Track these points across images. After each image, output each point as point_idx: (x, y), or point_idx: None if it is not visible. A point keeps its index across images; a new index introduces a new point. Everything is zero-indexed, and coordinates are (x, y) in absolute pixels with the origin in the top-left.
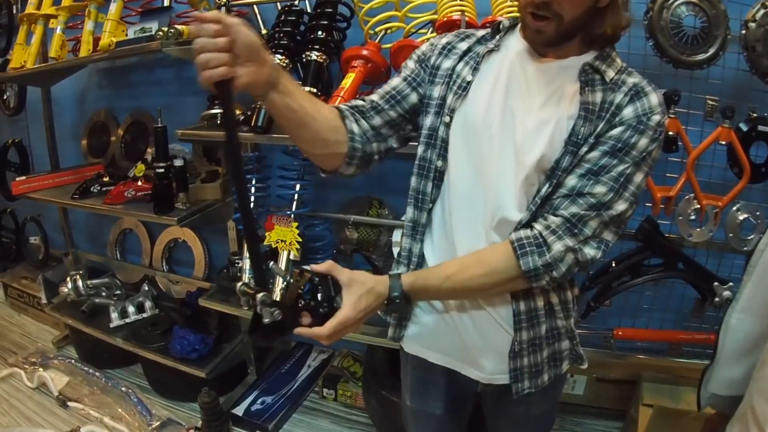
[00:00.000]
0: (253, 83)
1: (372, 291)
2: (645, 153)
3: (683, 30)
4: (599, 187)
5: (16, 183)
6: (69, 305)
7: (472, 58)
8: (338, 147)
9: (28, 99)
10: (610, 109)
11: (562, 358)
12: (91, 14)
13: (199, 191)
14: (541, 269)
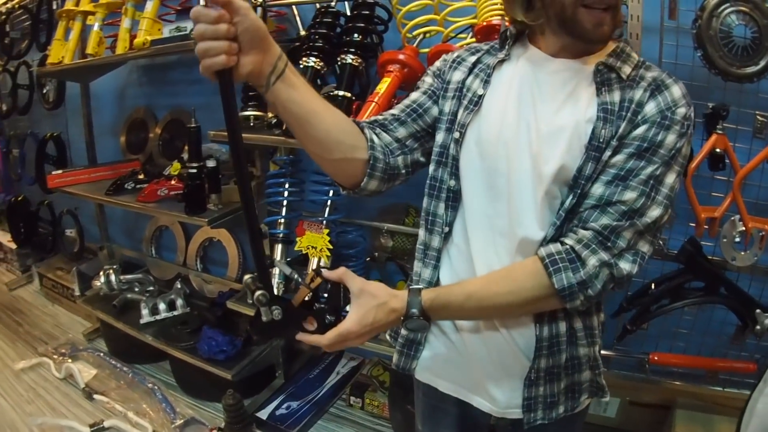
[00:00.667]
0: (255, 73)
1: (384, 306)
2: (674, 150)
3: (733, 40)
4: (629, 193)
5: (51, 177)
6: (101, 299)
7: (482, 71)
8: (355, 152)
9: (68, 93)
10: (630, 108)
11: (581, 390)
12: (128, 12)
13: (233, 192)
14: (576, 287)
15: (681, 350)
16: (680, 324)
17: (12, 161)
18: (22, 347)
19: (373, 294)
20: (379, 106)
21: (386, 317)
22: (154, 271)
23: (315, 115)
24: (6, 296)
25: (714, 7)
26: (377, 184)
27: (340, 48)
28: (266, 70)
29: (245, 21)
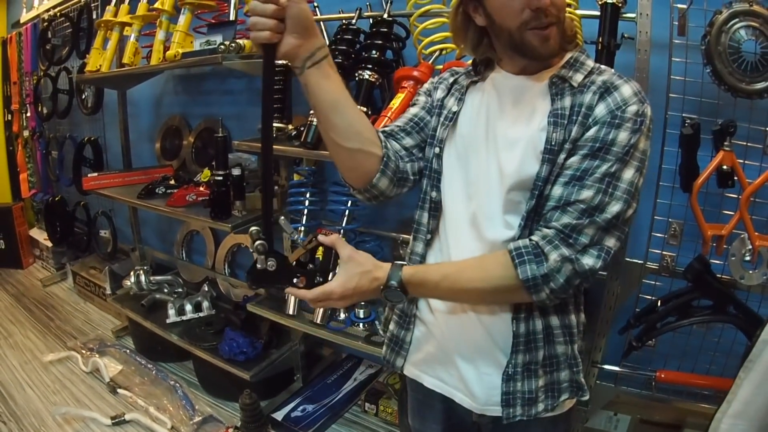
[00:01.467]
0: (293, 54)
1: (367, 273)
2: (628, 147)
3: (742, 56)
4: (585, 191)
5: (87, 179)
6: (131, 298)
7: (457, 90)
8: (372, 146)
9: (106, 100)
10: (581, 111)
11: (560, 390)
12: (162, 24)
13: (257, 200)
14: (540, 279)
15: (690, 369)
16: (690, 342)
17: (51, 162)
18: (52, 341)
19: (359, 262)
20: (392, 121)
21: (368, 284)
22: (183, 274)
23: (341, 104)
24: (40, 292)
25: (723, 23)
26: (387, 183)
27: (359, 64)
28: (303, 54)
29: (294, 6)
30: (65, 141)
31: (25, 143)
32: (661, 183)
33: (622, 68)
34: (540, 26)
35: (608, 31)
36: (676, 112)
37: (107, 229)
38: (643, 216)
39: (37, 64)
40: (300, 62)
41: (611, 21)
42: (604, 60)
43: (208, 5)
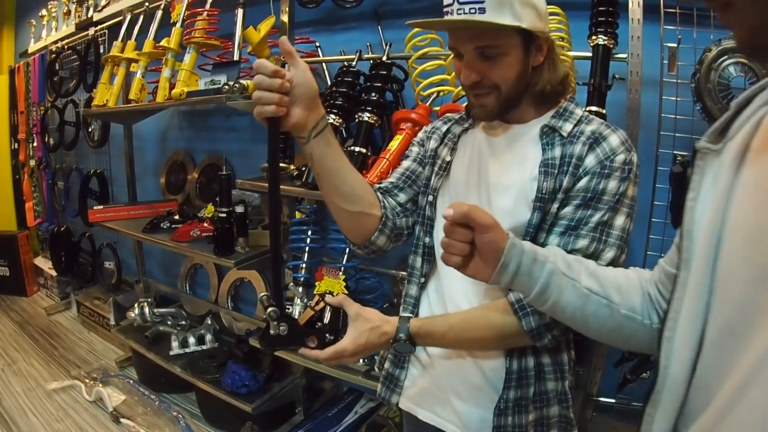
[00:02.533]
0: (300, 126)
1: (376, 329)
2: (618, 195)
3: (732, 92)
4: (581, 241)
5: (93, 211)
6: (135, 329)
7: (450, 139)
8: (372, 208)
9: (112, 133)
10: (571, 162)
11: (549, 425)
12: (168, 62)
13: (259, 237)
14: (543, 328)
15: None
16: None
17: (57, 193)
18: (55, 369)
19: (367, 318)
20: (390, 162)
21: (378, 339)
22: (187, 307)
23: (343, 171)
24: (44, 320)
25: (712, 60)
26: (384, 240)
27: (359, 105)
28: (310, 125)
29: (301, 78)
30: (71, 172)
31: (31, 172)
32: (653, 219)
33: (613, 106)
34: (475, 93)
35: (600, 72)
36: (668, 149)
37: (112, 261)
38: (636, 251)
39: (44, 95)
40: (306, 133)
41: (603, 62)
42: (596, 101)
43: (212, 45)
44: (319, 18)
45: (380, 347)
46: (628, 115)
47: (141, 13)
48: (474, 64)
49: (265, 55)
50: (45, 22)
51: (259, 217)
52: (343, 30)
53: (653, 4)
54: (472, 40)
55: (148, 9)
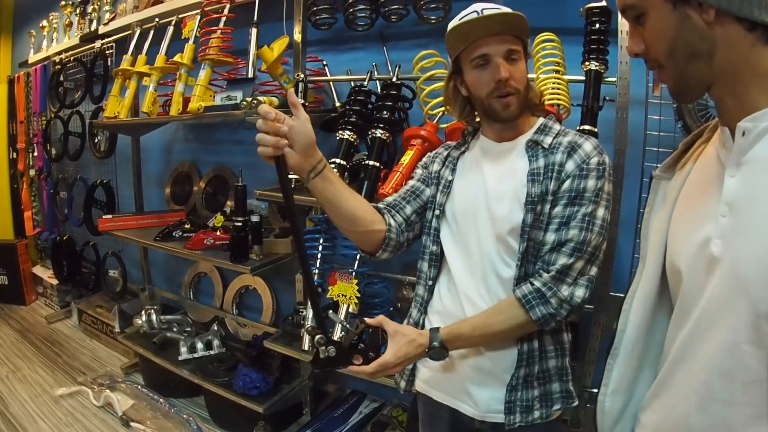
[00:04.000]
0: (297, 168)
1: (413, 342)
2: (597, 190)
3: (709, 112)
4: (572, 231)
5: (102, 220)
6: (141, 336)
7: (450, 162)
8: (374, 225)
9: (119, 144)
10: (554, 169)
11: (553, 400)
12: (182, 77)
13: (272, 245)
14: (548, 316)
15: None
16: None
17: (59, 202)
18: (60, 376)
19: (404, 333)
20: (403, 175)
21: (415, 350)
22: (191, 314)
23: (344, 200)
24: (45, 328)
25: None
26: (388, 255)
27: (371, 122)
28: (306, 168)
29: (300, 127)
30: (75, 182)
31: (31, 182)
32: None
33: (604, 124)
34: (501, 95)
35: (592, 94)
36: (652, 163)
37: (116, 269)
38: (625, 255)
39: (46, 105)
40: (305, 174)
41: (595, 85)
42: (589, 120)
43: (226, 61)
44: (327, 38)
45: (418, 357)
46: (617, 132)
47: (151, 27)
48: (505, 64)
49: (278, 73)
50: (46, 33)
51: (269, 226)
52: (349, 50)
53: None
54: (504, 43)
55: (159, 24)
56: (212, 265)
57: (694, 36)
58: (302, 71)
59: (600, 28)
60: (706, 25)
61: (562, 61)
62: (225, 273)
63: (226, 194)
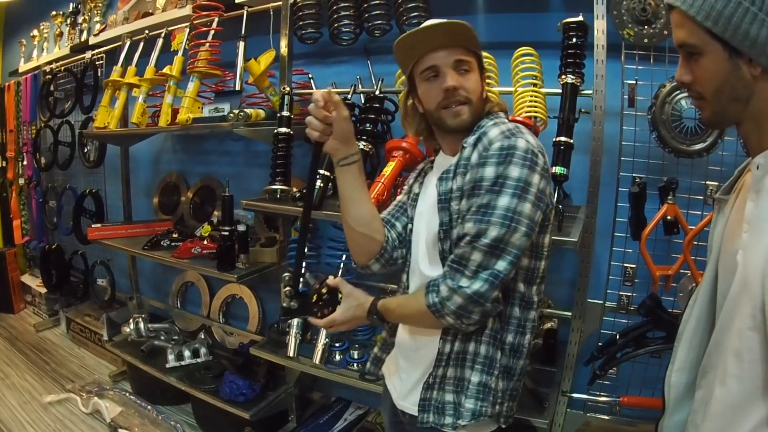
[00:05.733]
0: (333, 149)
1: (360, 306)
2: (496, 178)
3: (683, 122)
4: (467, 224)
5: (91, 229)
6: (129, 344)
7: (420, 176)
8: (376, 234)
9: (108, 154)
10: (462, 164)
11: (461, 413)
12: (170, 89)
13: (258, 254)
14: (438, 305)
15: (650, 394)
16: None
17: (48, 211)
18: (49, 383)
19: (355, 296)
20: (385, 186)
21: (361, 313)
22: (179, 323)
23: (362, 199)
24: (33, 336)
25: (666, 95)
26: (379, 267)
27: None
28: (340, 156)
29: (341, 120)
30: (64, 191)
31: (20, 191)
32: (616, 234)
33: (580, 135)
34: (450, 104)
35: (568, 107)
36: (627, 173)
37: (105, 278)
38: (601, 262)
39: (36, 115)
40: (335, 160)
41: (571, 98)
42: (565, 132)
43: (214, 74)
44: (312, 51)
45: (363, 319)
46: (593, 143)
47: (141, 39)
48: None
49: (265, 86)
50: (36, 43)
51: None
52: (334, 63)
53: (616, 43)
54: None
55: (148, 36)
56: (199, 273)
57: (740, 84)
58: (288, 84)
59: (577, 43)
60: (752, 77)
61: (540, 74)
62: (212, 282)
63: (214, 204)
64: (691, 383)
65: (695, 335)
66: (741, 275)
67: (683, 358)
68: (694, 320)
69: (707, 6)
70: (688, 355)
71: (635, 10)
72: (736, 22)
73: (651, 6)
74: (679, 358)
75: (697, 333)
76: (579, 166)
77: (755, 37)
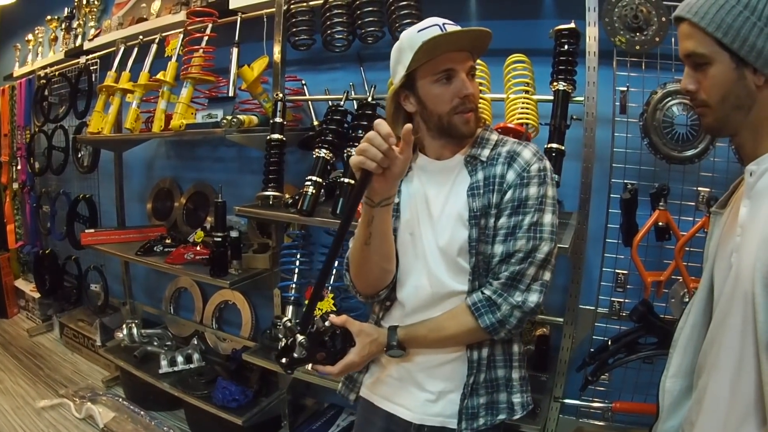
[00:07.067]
0: (378, 190)
1: (375, 341)
2: (540, 197)
3: (675, 129)
4: (520, 242)
5: (85, 234)
6: (122, 349)
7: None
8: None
9: (101, 159)
10: (496, 181)
11: (498, 409)
12: (164, 95)
13: (251, 260)
14: (497, 324)
15: (642, 400)
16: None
17: (41, 216)
18: (42, 388)
19: (368, 333)
20: None
21: (377, 348)
22: (172, 328)
23: (390, 236)
24: (26, 341)
25: (658, 101)
26: (386, 294)
27: (348, 141)
28: (383, 196)
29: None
30: (58, 196)
31: (14, 195)
32: (608, 240)
33: (572, 142)
34: (464, 111)
35: (560, 114)
36: (619, 179)
37: (98, 284)
38: (593, 268)
39: (30, 119)
40: (379, 199)
41: (563, 105)
42: (556, 138)
43: (208, 80)
44: (306, 58)
45: (377, 354)
46: (585, 150)
47: (135, 45)
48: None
49: (258, 92)
50: (31, 47)
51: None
52: (328, 70)
53: (608, 50)
54: (468, 59)
55: (142, 41)
56: (192, 279)
57: (744, 92)
58: (281, 90)
59: (568, 50)
60: (755, 87)
61: (532, 81)
62: (205, 288)
63: (207, 210)
64: (685, 389)
65: (690, 342)
66: (734, 274)
67: (678, 365)
68: (689, 328)
69: (718, 19)
70: (683, 362)
71: (627, 17)
72: (744, 34)
73: (643, 13)
74: (674, 364)
75: (692, 340)
76: (570, 172)
77: (761, 49)
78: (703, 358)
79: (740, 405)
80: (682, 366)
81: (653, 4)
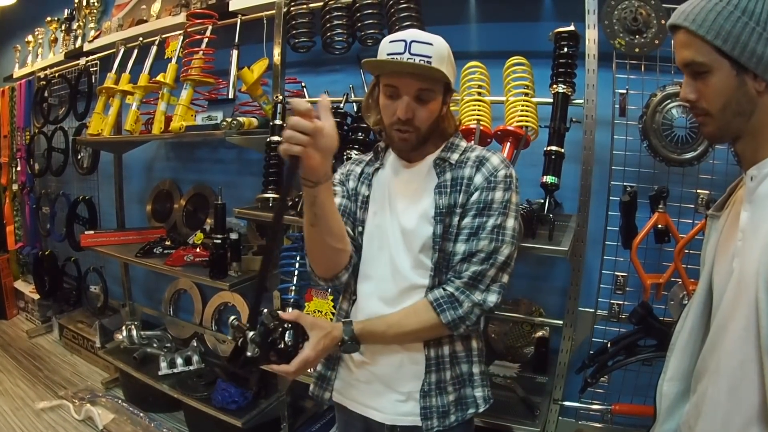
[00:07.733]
0: (313, 170)
1: (329, 335)
2: (505, 202)
3: (674, 131)
4: (482, 242)
5: (84, 236)
6: (121, 351)
7: (366, 178)
8: (348, 246)
9: (101, 161)
10: (463, 182)
11: (467, 404)
12: (164, 96)
13: (250, 262)
14: (457, 320)
15: (641, 402)
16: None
17: (41, 218)
18: (42, 390)
19: (322, 327)
20: None
21: (331, 343)
22: (171, 330)
23: (335, 215)
24: (26, 343)
25: (657, 104)
26: (347, 277)
27: (347, 144)
28: (322, 172)
29: (329, 130)
30: (58, 198)
31: (14, 196)
32: (607, 242)
33: (572, 144)
34: (401, 131)
35: (559, 116)
36: (618, 182)
37: (98, 285)
38: (592, 270)
39: (30, 121)
40: (316, 178)
41: (562, 108)
42: (556, 141)
43: (208, 82)
44: (305, 60)
45: (333, 349)
46: (584, 152)
47: (135, 46)
48: (411, 104)
49: (258, 94)
50: (31, 48)
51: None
52: (327, 72)
53: (608, 52)
54: (416, 83)
55: (142, 43)
56: (192, 281)
57: (745, 99)
58: (281, 92)
59: (568, 52)
60: (756, 93)
61: (532, 83)
62: (204, 290)
63: (206, 212)
64: (682, 392)
65: (688, 345)
66: (736, 279)
67: (675, 368)
68: (687, 331)
69: (717, 26)
70: (681, 365)
71: (626, 19)
72: (744, 41)
73: (642, 15)
74: (671, 367)
75: (689, 343)
76: (570, 175)
77: (761, 55)
78: (703, 363)
79: (742, 411)
80: (679, 369)
81: (653, 6)
